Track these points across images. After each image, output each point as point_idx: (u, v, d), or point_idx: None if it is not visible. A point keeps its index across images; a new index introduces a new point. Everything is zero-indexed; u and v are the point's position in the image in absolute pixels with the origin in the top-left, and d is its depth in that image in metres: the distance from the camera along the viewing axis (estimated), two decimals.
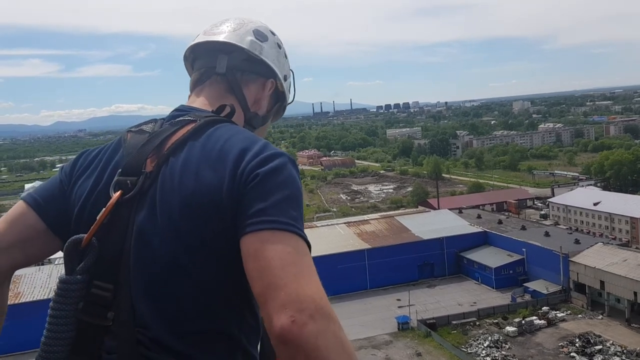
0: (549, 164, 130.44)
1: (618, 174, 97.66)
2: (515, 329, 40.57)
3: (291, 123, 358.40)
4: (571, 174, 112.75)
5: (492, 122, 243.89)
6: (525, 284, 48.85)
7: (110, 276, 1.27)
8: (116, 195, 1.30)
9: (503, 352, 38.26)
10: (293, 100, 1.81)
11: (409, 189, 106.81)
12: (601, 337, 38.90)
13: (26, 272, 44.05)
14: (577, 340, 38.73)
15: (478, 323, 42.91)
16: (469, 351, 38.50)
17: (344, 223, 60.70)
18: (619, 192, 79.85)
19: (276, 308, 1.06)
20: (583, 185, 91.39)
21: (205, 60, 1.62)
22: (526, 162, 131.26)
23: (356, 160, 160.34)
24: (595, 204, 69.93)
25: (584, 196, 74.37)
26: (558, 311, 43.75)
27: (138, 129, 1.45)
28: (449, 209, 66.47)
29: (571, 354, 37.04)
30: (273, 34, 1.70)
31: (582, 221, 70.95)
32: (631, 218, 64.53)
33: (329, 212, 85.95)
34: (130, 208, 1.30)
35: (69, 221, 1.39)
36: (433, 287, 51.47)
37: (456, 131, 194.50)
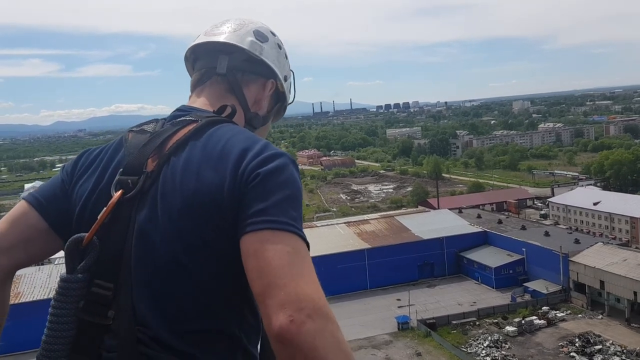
0: (548, 163, 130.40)
1: (618, 173, 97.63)
2: (515, 328, 40.57)
3: (291, 123, 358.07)
4: (571, 173, 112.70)
5: (492, 122, 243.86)
6: (525, 284, 48.83)
7: (111, 275, 1.28)
8: (117, 194, 1.30)
9: (503, 352, 38.25)
10: (293, 100, 1.82)
11: (409, 188, 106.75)
12: (601, 337, 38.90)
13: (26, 272, 43.99)
14: (577, 340, 38.72)
15: (478, 323, 42.90)
16: (469, 351, 38.49)
17: (344, 223, 60.69)
18: (618, 192, 79.82)
19: (275, 307, 1.06)
20: (583, 185, 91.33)
21: (206, 60, 1.62)
22: (526, 162, 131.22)
23: (356, 160, 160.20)
24: (595, 204, 69.93)
25: (584, 196, 74.37)
26: (558, 311, 43.75)
27: (139, 129, 1.45)
28: (449, 209, 66.48)
29: (571, 353, 37.04)
30: (273, 34, 1.71)
31: (582, 221, 70.95)
32: (631, 218, 64.53)
33: (328, 212, 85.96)
34: (131, 207, 1.30)
35: (70, 220, 1.40)
36: (433, 287, 51.47)
37: (456, 131, 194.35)
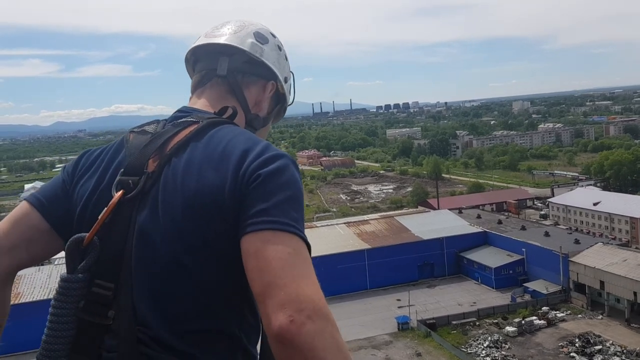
0: (548, 164, 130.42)
1: (618, 174, 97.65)
2: (515, 329, 40.54)
3: (291, 123, 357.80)
4: (571, 174, 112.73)
5: (492, 122, 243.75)
6: (525, 284, 48.79)
7: (111, 275, 1.28)
8: (118, 194, 1.30)
9: (503, 352, 38.23)
10: (293, 101, 1.83)
11: (409, 189, 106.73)
12: (601, 337, 38.88)
13: (26, 273, 43.92)
14: (577, 340, 38.70)
15: (478, 323, 42.87)
16: (469, 351, 38.46)
17: (344, 223, 60.61)
18: (618, 192, 79.85)
19: (275, 307, 1.07)
20: (583, 185, 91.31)
21: (207, 62, 1.63)
22: (526, 162, 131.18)
23: (356, 161, 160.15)
24: (595, 204, 69.93)
25: (584, 196, 74.37)
26: (558, 311, 43.72)
27: (140, 130, 1.46)
28: (449, 209, 66.45)
29: (571, 354, 37.01)
30: (274, 36, 1.71)
31: (582, 221, 70.95)
32: (631, 218, 64.54)
33: (328, 212, 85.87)
34: (132, 208, 1.30)
35: (71, 221, 1.40)
36: (433, 287, 51.45)
37: (456, 131, 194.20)
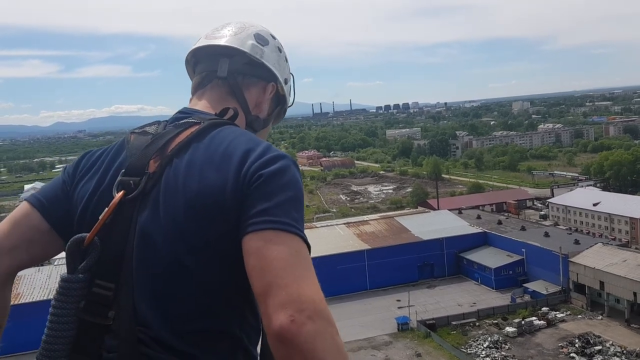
0: (548, 164, 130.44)
1: (617, 174, 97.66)
2: (514, 329, 40.51)
3: (291, 123, 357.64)
4: (571, 174, 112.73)
5: (492, 123, 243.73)
6: (524, 285, 48.78)
7: (112, 275, 1.28)
8: (119, 195, 1.31)
9: (503, 353, 38.21)
10: (293, 103, 1.83)
11: (409, 189, 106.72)
12: (601, 338, 38.86)
13: (26, 273, 43.88)
14: (577, 340, 38.69)
15: (478, 323, 42.86)
16: (469, 352, 38.45)
17: (344, 224, 60.58)
18: (618, 193, 79.88)
19: (276, 307, 1.07)
20: (582, 186, 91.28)
21: (207, 64, 1.63)
22: (526, 163, 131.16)
23: (356, 161, 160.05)
24: (594, 205, 69.93)
25: (584, 197, 74.38)
26: (558, 312, 43.70)
27: (141, 131, 1.46)
28: (449, 210, 66.43)
29: (571, 354, 37.00)
30: (274, 37, 1.72)
31: (582, 221, 70.97)
32: (631, 218, 64.54)
33: (328, 213, 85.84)
34: (133, 208, 1.30)
35: (72, 221, 1.40)
36: (433, 288, 51.43)
37: (456, 132, 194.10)
